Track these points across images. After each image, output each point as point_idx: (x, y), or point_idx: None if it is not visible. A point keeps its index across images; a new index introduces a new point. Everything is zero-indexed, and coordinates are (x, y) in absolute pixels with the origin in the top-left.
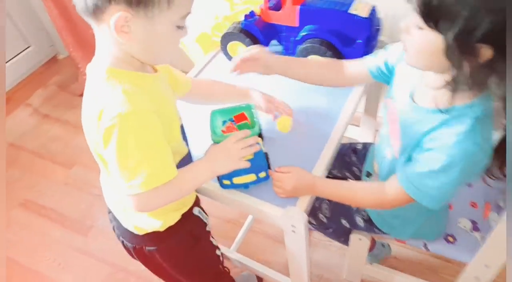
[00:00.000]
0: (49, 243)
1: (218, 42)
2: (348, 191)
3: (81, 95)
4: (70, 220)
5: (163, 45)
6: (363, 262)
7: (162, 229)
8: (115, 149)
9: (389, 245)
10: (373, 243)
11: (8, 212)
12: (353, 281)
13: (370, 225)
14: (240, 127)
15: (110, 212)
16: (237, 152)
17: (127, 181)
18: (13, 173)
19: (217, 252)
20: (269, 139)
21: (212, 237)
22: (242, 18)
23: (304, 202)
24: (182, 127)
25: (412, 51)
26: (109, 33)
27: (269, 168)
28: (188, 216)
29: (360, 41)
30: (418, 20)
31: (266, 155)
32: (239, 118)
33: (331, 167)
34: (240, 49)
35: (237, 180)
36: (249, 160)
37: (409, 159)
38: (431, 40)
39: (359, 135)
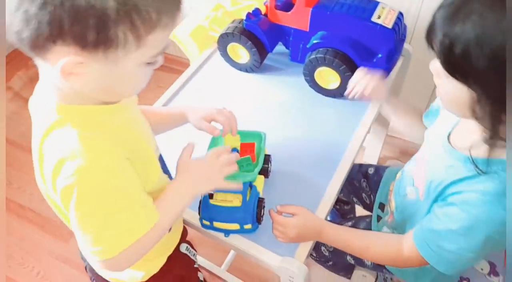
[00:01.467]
0: (28, 248)
1: (215, 37)
2: (360, 242)
3: None
4: (50, 223)
5: (128, 84)
6: None
7: (145, 280)
8: (75, 213)
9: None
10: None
11: None
12: None
13: (378, 266)
14: (239, 164)
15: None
16: (219, 168)
17: (91, 246)
18: None
19: None
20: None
21: (200, 270)
22: (244, 15)
23: (304, 251)
24: (161, 157)
25: (444, 98)
26: (54, 72)
27: (258, 218)
28: (174, 257)
29: (381, 55)
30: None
31: (260, 201)
32: (245, 150)
33: None
34: (242, 53)
35: (217, 225)
36: (236, 207)
37: (429, 211)
38: (461, 90)
39: (366, 142)
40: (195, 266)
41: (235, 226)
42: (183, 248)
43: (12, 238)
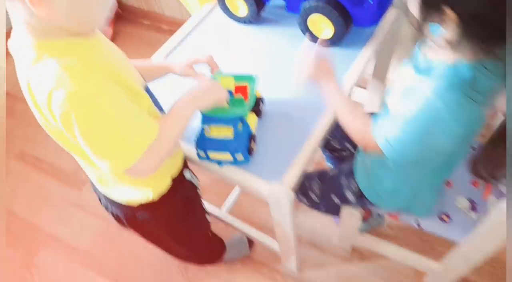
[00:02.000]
0: (45, 196)
1: None
2: (346, 108)
3: None
4: (64, 173)
5: (92, 7)
6: (355, 232)
7: (156, 198)
8: (81, 136)
9: (383, 216)
10: (369, 212)
11: (6, 162)
12: (344, 247)
13: (360, 198)
14: (232, 103)
15: (95, 189)
16: (217, 88)
17: (109, 162)
18: (9, 123)
19: (207, 216)
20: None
21: (202, 201)
22: None
23: (291, 178)
24: (150, 92)
25: None
26: (23, 6)
27: (250, 151)
28: (180, 181)
29: (372, 1)
30: None
31: (251, 137)
32: (239, 91)
33: (330, 136)
34: (240, 4)
35: (212, 155)
36: (229, 139)
37: None
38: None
39: (365, 98)
40: (199, 193)
41: (227, 156)
42: (188, 175)
43: (30, 186)
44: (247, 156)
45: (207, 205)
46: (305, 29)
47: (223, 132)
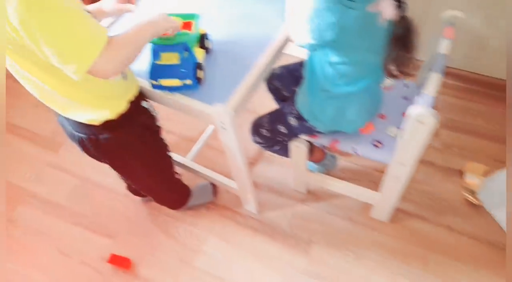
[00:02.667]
0: (22, 158)
1: None
2: None
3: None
4: (41, 137)
5: None
6: (305, 169)
7: (114, 117)
8: (43, 40)
9: (335, 158)
10: (323, 154)
11: None
12: (299, 190)
13: (301, 121)
14: (179, 36)
15: (58, 115)
16: (166, 17)
17: (74, 64)
18: None
19: (169, 153)
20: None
21: (162, 136)
22: None
23: (234, 102)
24: None
25: None
26: None
27: (198, 80)
28: (137, 106)
29: None
30: None
31: (198, 65)
32: (184, 27)
33: (280, 85)
34: None
35: (163, 82)
36: (176, 64)
37: None
38: None
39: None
40: (158, 124)
41: (177, 82)
42: (144, 103)
43: (7, 151)
44: (195, 81)
45: (174, 155)
46: None
47: (170, 59)
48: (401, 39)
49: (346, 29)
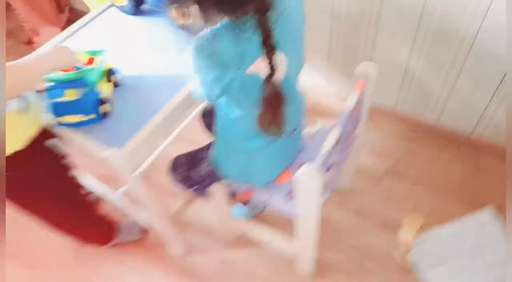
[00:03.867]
0: None
1: None
2: None
3: (28, 43)
4: None
5: None
6: (227, 214)
7: (9, 153)
8: None
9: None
10: (248, 198)
11: None
12: (226, 234)
13: (214, 168)
14: (86, 72)
15: None
16: (67, 52)
17: None
18: None
19: (86, 191)
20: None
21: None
22: None
23: (131, 145)
24: None
25: None
26: None
27: (103, 113)
28: (37, 146)
29: None
30: None
31: (102, 100)
32: (90, 62)
33: (212, 122)
34: None
35: (67, 119)
36: (76, 100)
37: None
38: None
39: None
40: (65, 162)
41: (81, 117)
42: (49, 142)
43: None
44: (99, 116)
45: (102, 187)
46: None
47: (72, 95)
48: (267, 101)
49: (228, 87)
